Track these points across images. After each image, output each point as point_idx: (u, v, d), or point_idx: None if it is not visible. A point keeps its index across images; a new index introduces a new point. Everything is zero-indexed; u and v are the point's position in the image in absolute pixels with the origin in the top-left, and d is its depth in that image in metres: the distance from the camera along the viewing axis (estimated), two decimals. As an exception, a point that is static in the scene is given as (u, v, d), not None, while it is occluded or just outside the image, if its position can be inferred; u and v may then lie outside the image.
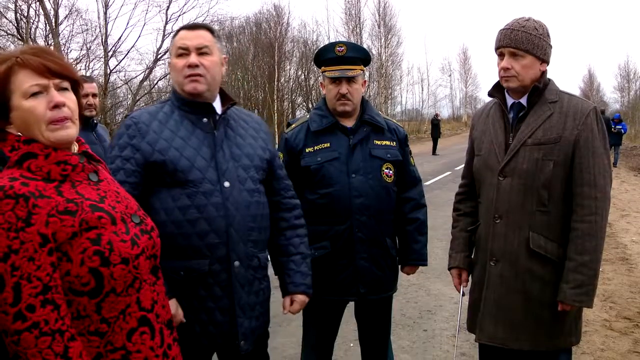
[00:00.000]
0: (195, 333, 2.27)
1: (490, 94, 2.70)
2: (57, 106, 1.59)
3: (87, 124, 4.34)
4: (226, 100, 2.45)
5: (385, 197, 3.00)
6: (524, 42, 2.46)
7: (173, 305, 2.13)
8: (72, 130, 1.64)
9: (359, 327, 3.26)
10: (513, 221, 2.51)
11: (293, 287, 2.53)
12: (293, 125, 3.15)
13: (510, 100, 2.60)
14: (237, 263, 2.27)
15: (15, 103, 1.59)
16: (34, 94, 1.58)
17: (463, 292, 2.83)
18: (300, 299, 2.56)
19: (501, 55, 2.53)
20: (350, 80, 2.96)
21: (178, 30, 2.40)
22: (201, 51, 2.30)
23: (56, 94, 1.60)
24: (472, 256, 2.80)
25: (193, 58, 2.28)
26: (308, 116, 3.15)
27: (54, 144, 1.61)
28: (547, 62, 2.55)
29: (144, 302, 1.69)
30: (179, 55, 2.31)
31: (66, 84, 1.65)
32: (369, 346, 3.24)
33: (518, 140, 2.52)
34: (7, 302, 1.46)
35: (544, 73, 2.55)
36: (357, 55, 3.01)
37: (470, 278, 2.82)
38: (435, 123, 27.00)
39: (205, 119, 2.34)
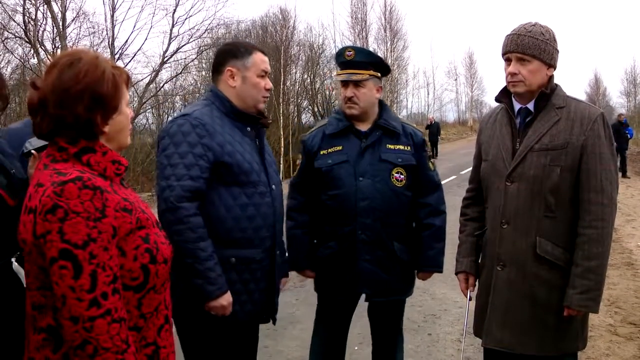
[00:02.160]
0: (233, 311, 2.50)
1: (497, 99, 2.71)
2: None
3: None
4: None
5: (394, 201, 3.02)
6: (530, 47, 2.47)
7: (230, 297, 2.45)
8: None
9: (371, 325, 3.33)
10: (520, 226, 2.52)
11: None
12: (313, 129, 3.28)
13: (517, 106, 2.61)
14: (278, 252, 2.68)
15: (123, 108, 1.74)
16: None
17: (470, 296, 2.84)
18: (285, 280, 2.93)
19: (508, 61, 2.55)
20: (357, 84, 3.02)
21: (252, 49, 2.63)
22: (269, 75, 2.68)
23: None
24: (479, 261, 2.81)
25: (270, 83, 2.67)
26: (327, 120, 3.25)
27: (126, 146, 1.82)
28: (554, 67, 2.57)
29: (167, 300, 1.79)
30: (261, 76, 2.61)
31: None
32: (378, 346, 3.32)
33: (525, 146, 2.53)
34: (83, 289, 1.50)
35: (551, 78, 2.57)
36: (365, 60, 3.05)
37: (477, 283, 2.83)
38: (427, 127, 27.51)
39: (248, 129, 2.63)
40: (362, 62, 3.04)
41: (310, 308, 3.38)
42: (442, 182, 3.35)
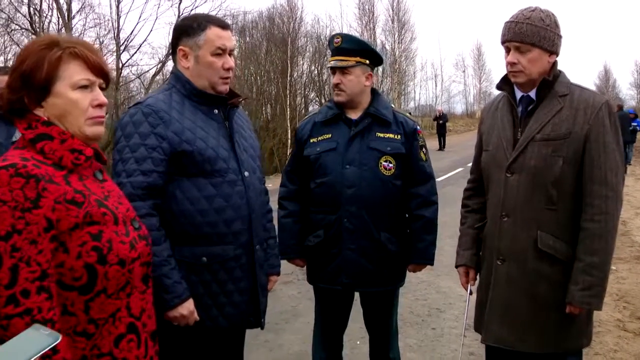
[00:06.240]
0: (212, 317, 2.34)
1: (498, 87, 2.61)
2: (100, 105, 1.65)
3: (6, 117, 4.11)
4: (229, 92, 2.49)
5: (381, 190, 2.98)
6: (529, 35, 2.36)
7: (191, 305, 2.23)
8: (103, 127, 1.69)
9: (364, 318, 3.29)
10: (521, 219, 2.43)
11: (270, 268, 2.64)
12: (305, 118, 3.29)
13: (519, 94, 2.51)
14: (257, 247, 2.42)
15: (60, 90, 1.60)
16: (81, 87, 1.62)
17: (470, 290, 2.76)
18: (276, 278, 2.71)
19: (507, 49, 2.44)
20: (344, 70, 3.01)
21: (207, 23, 2.34)
22: (231, 53, 2.39)
23: (101, 94, 1.66)
24: (480, 254, 2.72)
25: (231, 61, 2.38)
26: (319, 109, 3.26)
27: (88, 137, 1.65)
28: (557, 54, 2.45)
29: (133, 308, 1.66)
30: (217, 55, 2.33)
31: (104, 85, 1.69)
32: (372, 339, 3.29)
33: (526, 136, 2.42)
34: (1, 284, 1.41)
35: (554, 65, 2.45)
36: (351, 47, 3.03)
37: (478, 276, 2.75)
38: (435, 119, 27.93)
39: (215, 110, 2.40)
40: (349, 49, 3.02)
41: (312, 302, 3.33)
42: (449, 174, 3.28)
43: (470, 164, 2.99)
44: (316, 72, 30.32)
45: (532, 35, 2.36)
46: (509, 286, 2.47)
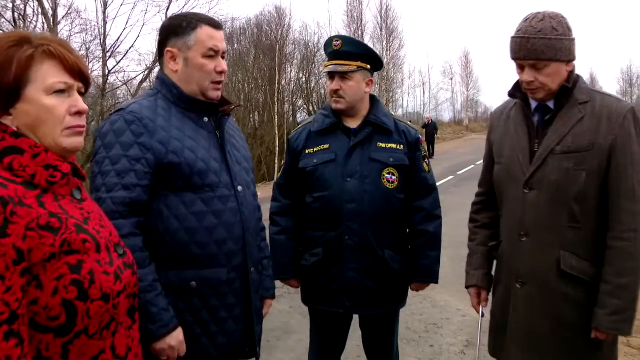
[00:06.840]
0: (202, 347, 2.11)
1: (510, 95, 2.40)
2: (79, 113, 1.44)
3: None
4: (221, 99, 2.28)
5: (384, 205, 2.78)
6: (544, 51, 2.14)
7: (180, 335, 2.00)
8: (82, 139, 1.49)
9: (363, 340, 3.09)
10: (541, 239, 2.23)
11: (265, 291, 2.42)
12: (298, 127, 3.05)
13: (534, 102, 2.31)
14: (252, 269, 2.21)
15: (32, 95, 1.39)
16: (57, 92, 1.41)
17: (482, 312, 2.57)
18: (270, 302, 2.50)
19: (520, 66, 2.23)
20: (344, 76, 2.80)
21: (197, 22, 2.13)
22: (223, 55, 2.20)
23: (81, 100, 1.46)
24: (493, 274, 2.53)
25: (224, 64, 2.18)
26: (314, 117, 3.02)
27: (65, 150, 1.44)
28: (574, 59, 2.25)
29: (118, 348, 1.44)
30: (208, 57, 2.13)
31: (83, 89, 1.47)
32: (372, 358, 3.09)
33: (545, 148, 2.23)
34: None
35: (572, 71, 2.26)
36: (352, 50, 2.82)
37: (490, 297, 2.55)
38: (424, 127, 28.00)
39: (205, 119, 2.19)
40: (349, 52, 2.81)
41: (306, 317, 3.14)
42: (440, 183, 3.10)
43: (461, 172, 2.79)
44: (304, 79, 30.31)
45: (547, 50, 2.15)
46: (530, 310, 2.27)
